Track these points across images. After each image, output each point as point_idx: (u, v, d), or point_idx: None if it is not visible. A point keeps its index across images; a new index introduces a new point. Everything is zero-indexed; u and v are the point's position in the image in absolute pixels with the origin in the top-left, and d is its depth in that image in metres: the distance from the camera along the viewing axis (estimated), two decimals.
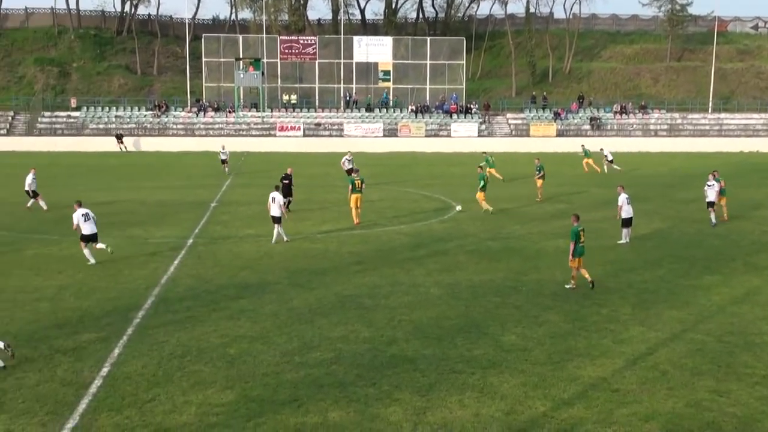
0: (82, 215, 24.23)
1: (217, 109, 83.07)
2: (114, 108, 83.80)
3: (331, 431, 12.20)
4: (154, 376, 14.36)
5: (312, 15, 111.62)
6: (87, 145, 75.52)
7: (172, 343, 16.26)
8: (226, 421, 12.49)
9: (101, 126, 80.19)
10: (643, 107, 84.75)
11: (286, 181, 34.90)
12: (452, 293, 20.57)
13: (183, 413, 12.75)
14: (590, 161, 54.40)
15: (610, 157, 53.90)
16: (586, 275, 21.11)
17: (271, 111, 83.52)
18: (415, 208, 35.61)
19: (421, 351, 15.85)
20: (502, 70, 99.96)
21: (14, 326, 17.39)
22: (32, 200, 35.60)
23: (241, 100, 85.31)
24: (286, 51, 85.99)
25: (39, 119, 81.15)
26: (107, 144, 75.31)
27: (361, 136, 78.97)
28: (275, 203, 27.83)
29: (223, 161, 53.32)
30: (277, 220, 27.84)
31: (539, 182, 39.42)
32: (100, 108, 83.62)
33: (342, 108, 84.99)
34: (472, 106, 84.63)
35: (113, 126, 79.95)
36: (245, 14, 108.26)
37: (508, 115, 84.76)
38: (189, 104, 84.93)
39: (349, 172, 44.81)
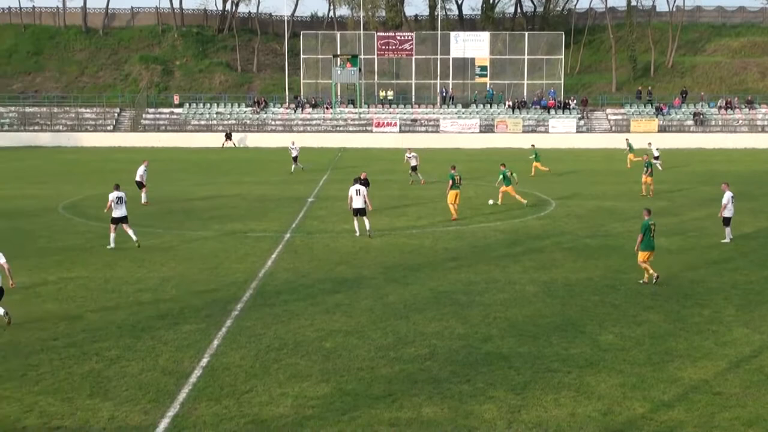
0: (117, 198, 25.90)
1: (314, 106, 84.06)
2: (215, 105, 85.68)
3: (424, 427, 12.21)
4: (252, 368, 14.63)
5: (409, 11, 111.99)
6: (188, 141, 77.44)
7: (269, 335, 16.54)
8: (321, 414, 12.63)
9: (202, 122, 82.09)
10: (750, 102, 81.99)
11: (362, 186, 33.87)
12: (548, 291, 20.32)
13: (279, 405, 12.96)
14: (632, 156, 53.38)
15: (656, 154, 52.06)
16: (650, 270, 20.84)
17: (368, 107, 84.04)
18: (512, 205, 35.31)
19: (516, 349, 15.71)
20: (602, 65, 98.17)
21: (118, 316, 17.97)
22: (143, 193, 36.41)
23: (338, 97, 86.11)
24: (383, 47, 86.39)
25: (143, 116, 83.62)
26: (208, 140, 77.04)
27: (458, 132, 78.75)
28: (360, 195, 27.86)
29: (294, 158, 52.00)
30: (361, 212, 27.91)
31: (648, 179, 38.69)
32: (201, 105, 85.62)
33: (438, 104, 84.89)
34: (570, 101, 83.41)
35: (214, 122, 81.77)
36: (343, 11, 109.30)
37: (608, 111, 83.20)
38: (287, 101, 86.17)
39: (414, 168, 44.58)
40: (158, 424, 12.22)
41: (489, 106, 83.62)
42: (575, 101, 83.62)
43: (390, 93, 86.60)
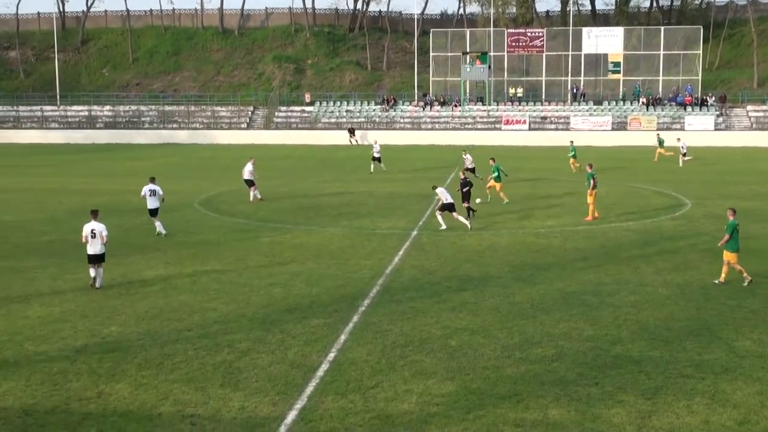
0: (150, 190, 27.84)
1: (443, 103, 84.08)
2: (345, 103, 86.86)
3: (550, 429, 12.03)
4: (378, 364, 14.75)
5: (540, 7, 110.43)
6: (319, 139, 78.79)
7: (395, 332, 16.64)
8: (446, 412, 12.61)
9: (332, 120, 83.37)
10: None
11: (466, 188, 33.07)
12: (682, 294, 19.67)
13: (404, 401, 13.02)
14: (662, 151, 54.19)
15: (683, 150, 53.56)
16: (744, 272, 20.42)
17: (497, 104, 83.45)
18: (645, 205, 34.35)
19: (647, 352, 15.28)
20: (743, 60, 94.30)
21: (250, 309, 18.45)
22: (253, 191, 36.64)
23: (467, 94, 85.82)
24: (513, 44, 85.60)
25: (276, 114, 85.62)
26: (337, 137, 78.16)
27: (589, 129, 77.21)
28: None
29: (377, 158, 50.39)
30: (450, 207, 28.62)
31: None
32: (331, 103, 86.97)
33: (569, 101, 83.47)
34: (708, 98, 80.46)
35: (344, 120, 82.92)
36: (473, 8, 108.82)
37: (749, 108, 79.83)
38: (416, 98, 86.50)
39: (473, 170, 42.16)
40: (286, 416, 12.48)
41: (621, 103, 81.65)
42: (713, 98, 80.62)
43: (519, 90, 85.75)
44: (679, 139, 55.39)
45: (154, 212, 27.97)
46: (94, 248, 20.73)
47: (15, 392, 13.43)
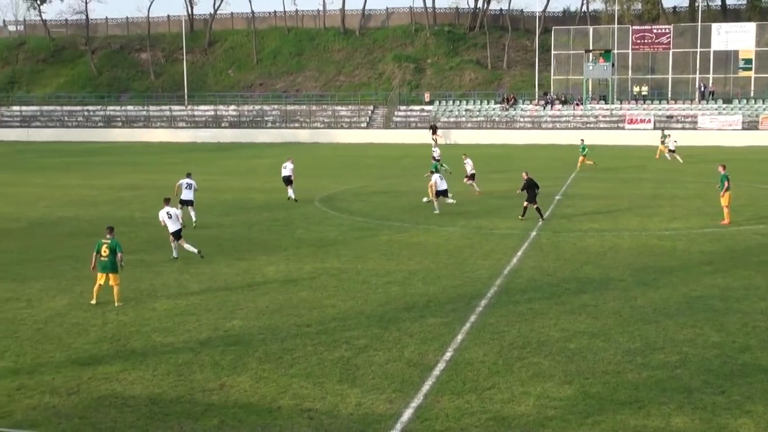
0: (186, 183, 30.60)
1: (564, 102, 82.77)
2: (464, 102, 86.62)
3: None
4: (495, 365, 14.64)
5: (667, 2, 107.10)
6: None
7: (512, 333, 16.48)
8: (564, 416, 12.41)
9: (452, 119, 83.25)
10: None
11: (528, 190, 32.09)
12: None
13: (521, 404, 12.88)
14: (663, 148, 56.38)
15: (671, 147, 55.41)
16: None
17: (620, 103, 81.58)
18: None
19: None
20: None
21: (368, 307, 18.62)
22: (290, 189, 36.68)
23: (590, 93, 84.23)
24: (638, 41, 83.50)
25: (395, 113, 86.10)
26: (456, 136, 77.95)
27: (717, 129, 74.56)
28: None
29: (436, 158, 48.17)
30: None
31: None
32: (451, 102, 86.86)
33: (696, 99, 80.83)
34: None
35: (463, 119, 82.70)
36: (596, 5, 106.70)
37: None
38: (536, 97, 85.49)
39: (473, 176, 39.28)
40: (402, 414, 12.53)
41: (753, 101, 78.52)
42: None
43: (644, 88, 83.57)
44: (669, 136, 58.65)
45: (189, 203, 30.23)
46: (174, 226, 24.18)
47: (142, 381, 13.96)
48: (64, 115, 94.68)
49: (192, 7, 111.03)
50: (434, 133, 76.82)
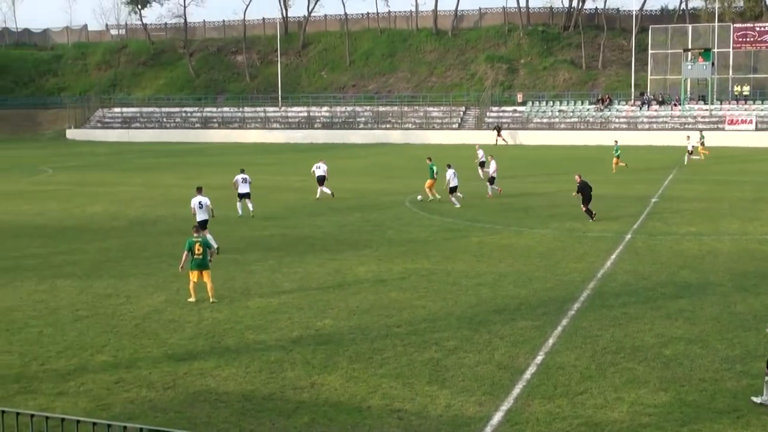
0: (242, 179, 32.41)
1: (661, 102, 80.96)
2: (557, 102, 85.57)
3: None
4: (587, 369, 14.41)
5: None
6: (530, 139, 78.06)
7: (605, 338, 16.19)
8: (659, 423, 12.13)
9: (544, 120, 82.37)
10: None
11: (583, 192, 31.61)
12: None
13: (614, 410, 12.64)
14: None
15: (689, 149, 55.30)
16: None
17: (720, 103, 79.34)
18: None
19: None
20: None
21: (458, 308, 18.56)
22: (321, 189, 37.85)
23: (688, 93, 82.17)
24: (740, 39, 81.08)
25: (487, 114, 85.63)
26: (550, 137, 77.03)
27: None
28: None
29: (481, 164, 47.41)
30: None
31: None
32: (543, 102, 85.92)
33: None
34: None
35: (556, 120, 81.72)
36: (695, 3, 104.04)
37: None
38: (632, 98, 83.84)
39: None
40: (492, 417, 12.44)
41: None
42: None
43: (746, 88, 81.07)
44: (688, 138, 58.09)
45: (246, 195, 31.42)
46: (202, 216, 25.21)
47: (235, 378, 14.21)
48: (163, 116, 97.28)
49: (287, 10, 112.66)
50: (499, 134, 76.67)
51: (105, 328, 17.28)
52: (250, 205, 32.68)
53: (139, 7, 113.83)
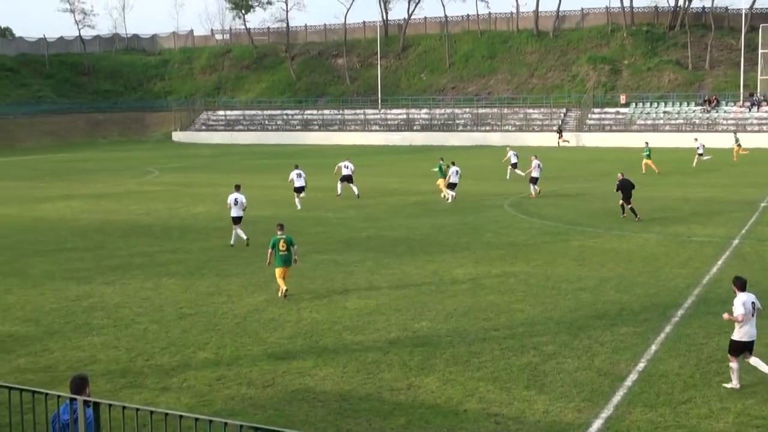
0: (297, 174, 34.98)
1: None
2: (662, 104, 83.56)
3: None
4: (691, 378, 14.01)
5: None
6: (633, 141, 76.41)
7: (711, 346, 15.71)
8: None
9: (648, 122, 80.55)
10: None
11: (623, 190, 31.55)
12: None
13: (719, 420, 12.26)
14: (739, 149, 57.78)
15: (700, 150, 55.36)
16: None
17: None
18: None
19: None
20: None
21: (557, 313, 18.30)
22: (340, 185, 40.18)
23: None
24: None
25: (589, 115, 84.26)
26: (654, 139, 75.26)
27: None
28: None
29: (514, 165, 48.31)
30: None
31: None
32: (648, 104, 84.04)
33: None
34: None
35: (660, 122, 79.81)
36: None
37: None
38: (741, 99, 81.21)
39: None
40: (591, 424, 12.22)
41: None
42: None
43: None
44: (696, 139, 58.40)
45: (301, 189, 30.81)
46: (236, 212, 27.16)
47: (333, 378, 14.35)
48: (265, 119, 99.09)
49: (387, 13, 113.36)
50: (560, 135, 75.62)
51: (207, 326, 17.68)
52: (299, 199, 35.81)
53: (243, 12, 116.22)
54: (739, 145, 59.40)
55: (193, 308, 19.23)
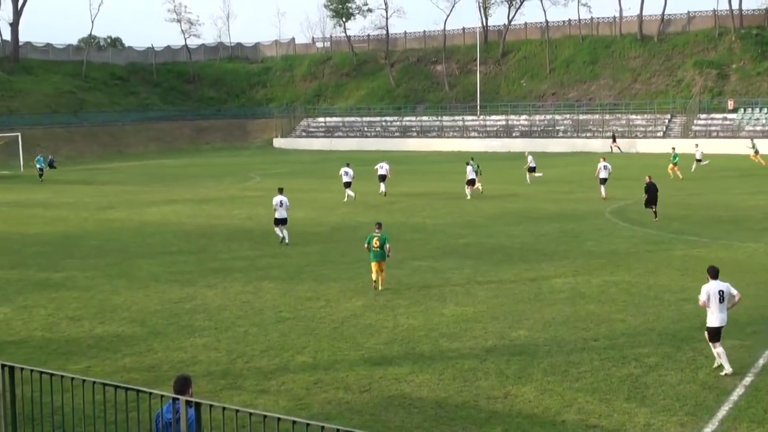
0: (344, 172, 40.42)
1: None
2: None
3: None
4: None
5: None
6: (741, 148, 74.08)
7: None
8: None
9: (757, 128, 77.95)
10: None
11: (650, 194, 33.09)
12: None
13: None
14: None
15: (698, 156, 56.13)
16: None
17: None
18: None
19: None
20: None
21: (660, 324, 17.87)
22: (382, 185, 44.50)
23: None
24: None
25: (694, 121, 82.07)
26: (639, 146, 72.85)
27: None
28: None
29: (532, 168, 50.10)
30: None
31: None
32: (757, 110, 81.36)
33: None
34: None
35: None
36: None
37: None
38: None
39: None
40: None
41: None
42: None
43: None
44: (697, 145, 59.20)
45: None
46: (281, 214, 28.93)
47: (429, 384, 14.34)
48: (364, 125, 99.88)
49: (487, 19, 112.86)
50: (614, 141, 74.92)
51: (305, 330, 17.91)
52: (350, 192, 41.46)
53: (344, 20, 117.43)
54: (756, 152, 58.83)
55: (291, 312, 19.52)
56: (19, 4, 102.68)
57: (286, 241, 29.01)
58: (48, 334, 18.13)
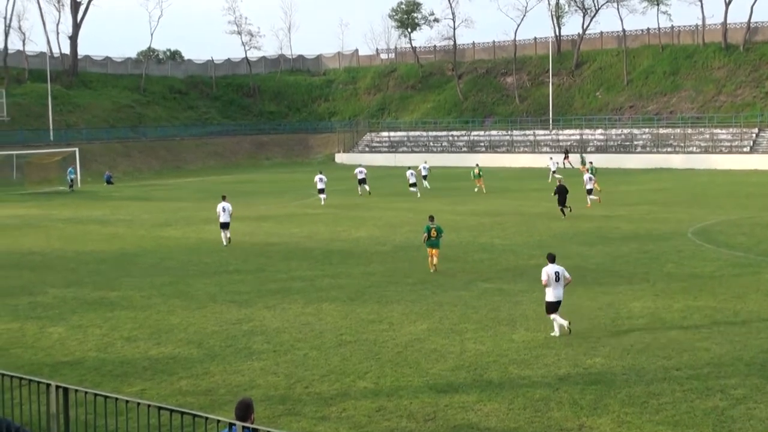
0: (360, 171, 46.14)
1: None
2: None
3: None
4: None
5: None
6: None
7: None
8: None
9: None
10: None
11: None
12: None
13: None
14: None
15: (553, 168, 61.73)
16: None
17: None
18: None
19: None
20: None
21: (748, 353, 17.40)
22: (360, 188, 52.49)
23: None
24: None
25: None
26: None
27: None
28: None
29: (553, 172, 53.23)
30: None
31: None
32: None
33: None
34: None
35: None
36: None
37: None
38: None
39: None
40: None
41: None
42: None
43: None
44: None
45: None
46: (224, 218, 34.05)
47: (498, 414, 14.16)
48: (429, 140, 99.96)
49: (560, 29, 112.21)
50: (566, 157, 76.80)
51: (367, 355, 17.87)
52: (366, 187, 50.45)
53: (409, 30, 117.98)
54: (583, 164, 61.45)
55: (353, 335, 19.50)
56: (79, 18, 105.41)
57: (230, 242, 34.22)
58: (103, 354, 18.42)
